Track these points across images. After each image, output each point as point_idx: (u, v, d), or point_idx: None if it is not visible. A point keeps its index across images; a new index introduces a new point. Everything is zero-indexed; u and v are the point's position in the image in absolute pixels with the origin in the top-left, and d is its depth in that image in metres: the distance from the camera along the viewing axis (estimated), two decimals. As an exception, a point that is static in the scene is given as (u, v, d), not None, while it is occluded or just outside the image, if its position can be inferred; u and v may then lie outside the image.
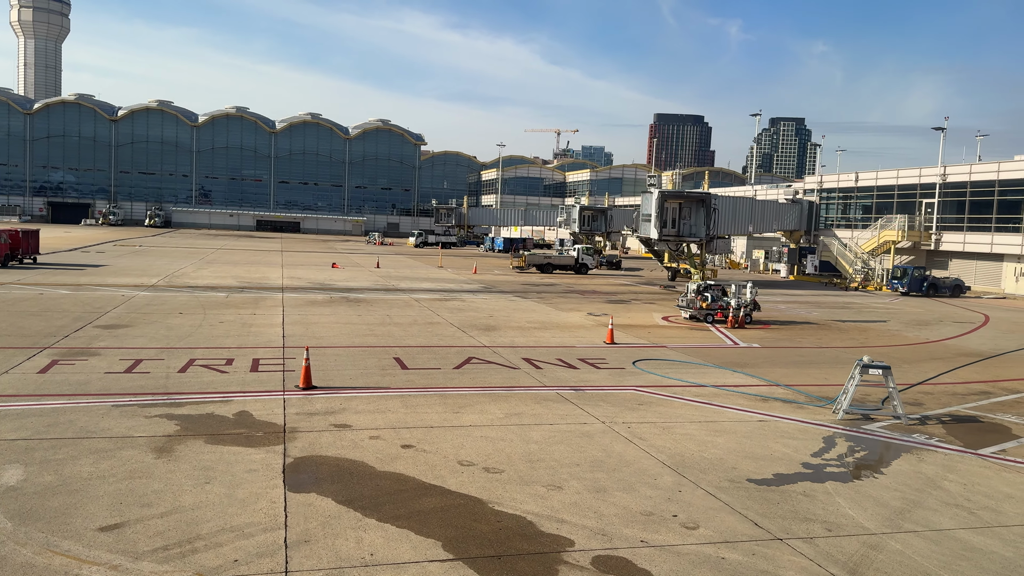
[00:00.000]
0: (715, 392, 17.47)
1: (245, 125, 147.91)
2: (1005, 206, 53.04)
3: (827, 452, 13.02)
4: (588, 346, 23.39)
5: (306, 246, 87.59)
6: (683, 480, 11.19)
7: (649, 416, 14.89)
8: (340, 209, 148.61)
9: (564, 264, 59.17)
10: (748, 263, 75.63)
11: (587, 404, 15.65)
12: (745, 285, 31.43)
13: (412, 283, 43.41)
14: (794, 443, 13.49)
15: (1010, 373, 21.79)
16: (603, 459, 12.01)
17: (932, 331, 31.11)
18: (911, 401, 17.41)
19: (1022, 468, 12.59)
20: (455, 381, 17.36)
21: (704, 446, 13.00)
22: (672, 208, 51.49)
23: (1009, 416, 16.25)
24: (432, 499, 9.98)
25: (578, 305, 35.36)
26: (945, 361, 23.45)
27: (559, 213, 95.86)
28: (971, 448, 13.64)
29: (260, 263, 54.29)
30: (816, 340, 26.93)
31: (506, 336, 24.59)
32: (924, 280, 49.23)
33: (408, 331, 24.77)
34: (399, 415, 14.11)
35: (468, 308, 32.16)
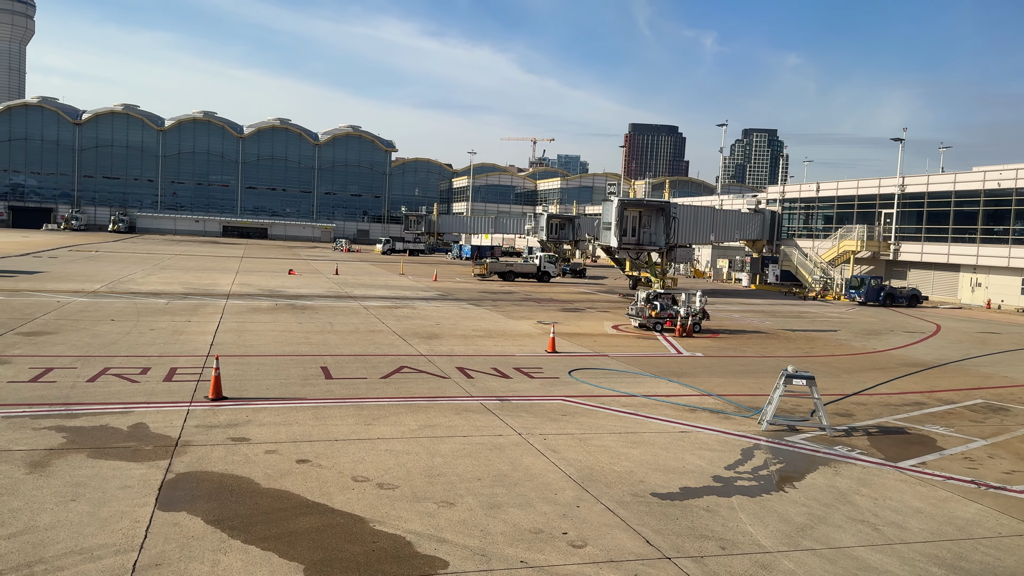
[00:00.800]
0: (644, 402, 17.10)
1: (212, 130, 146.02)
2: (961, 217, 53.72)
3: (742, 465, 12.67)
4: (528, 355, 22.95)
5: (269, 252, 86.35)
6: (585, 495, 10.76)
7: (569, 427, 14.46)
8: (309, 215, 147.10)
9: (526, 272, 58.81)
10: (712, 272, 75.87)
11: (509, 415, 15.18)
12: (694, 294, 31.24)
13: (367, 290, 42.72)
14: (711, 455, 13.13)
15: (948, 383, 21.73)
16: (508, 473, 11.54)
17: (881, 341, 31.14)
18: (842, 412, 17.20)
19: (938, 482, 12.33)
20: (378, 391, 16.80)
21: (617, 458, 12.59)
22: (632, 216, 51.40)
23: (937, 427, 16.07)
24: (310, 518, 9.43)
25: (531, 313, 34.95)
26: (886, 371, 23.36)
27: (527, 221, 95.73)
28: (891, 461, 13.38)
29: (215, 269, 53.22)
30: (761, 349, 26.76)
31: (446, 345, 24.07)
32: (881, 290, 49.58)
33: (346, 339, 24.16)
34: (305, 428, 13.53)
35: (417, 316, 31.60)
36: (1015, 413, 17.99)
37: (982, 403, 19.03)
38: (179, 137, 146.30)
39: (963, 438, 15.25)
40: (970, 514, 10.83)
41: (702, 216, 57.96)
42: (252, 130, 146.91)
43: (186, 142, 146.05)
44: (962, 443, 14.86)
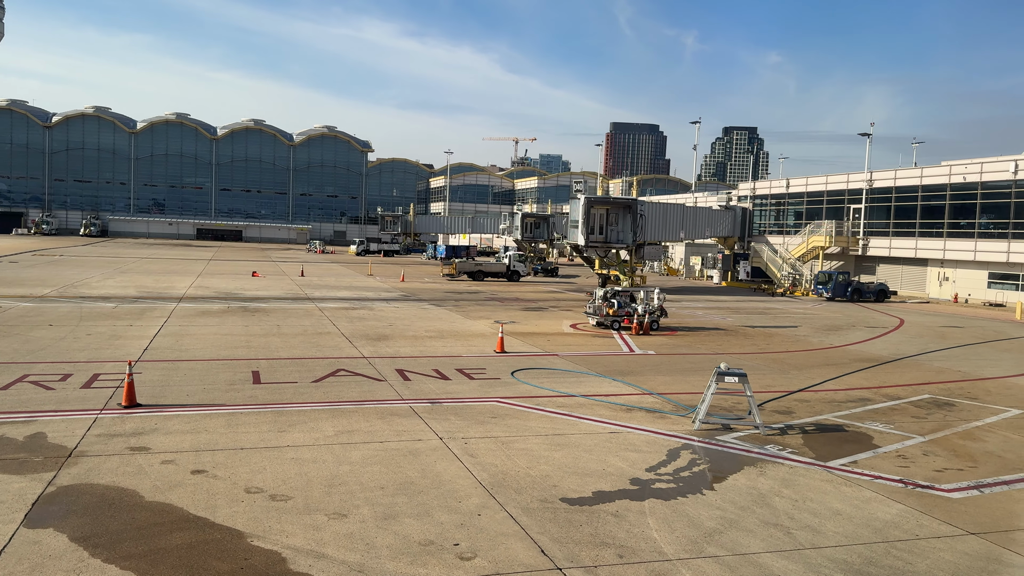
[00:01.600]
0: (581, 402, 16.65)
1: (185, 132, 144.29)
2: (928, 211, 53.85)
3: (664, 466, 12.24)
4: (475, 355, 22.45)
5: (240, 255, 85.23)
6: (490, 502, 10.27)
7: (495, 430, 13.97)
8: (284, 217, 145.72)
9: (495, 271, 58.31)
10: (684, 269, 75.77)
11: (436, 418, 14.67)
12: (653, 291, 30.89)
13: (329, 292, 42.03)
14: (635, 456, 12.69)
15: (899, 379, 21.47)
16: (415, 480, 11.03)
17: (840, 336, 30.94)
18: (783, 410, 16.84)
19: (865, 482, 11.97)
20: (304, 396, 16.23)
21: (536, 462, 12.11)
22: (599, 215, 51.03)
23: (877, 424, 15.74)
24: (185, 534, 8.86)
25: (491, 313, 34.46)
26: (838, 367, 23.09)
27: (502, 220, 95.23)
28: (821, 460, 13.00)
29: (177, 272, 52.27)
30: (716, 346, 26.42)
31: (393, 346, 23.52)
32: (848, 285, 49.55)
33: (289, 342, 23.53)
34: (214, 436, 12.93)
35: (372, 317, 31.00)
36: (960, 408, 17.73)
37: (929, 398, 18.77)
38: (151, 139, 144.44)
39: (901, 435, 14.93)
40: (891, 516, 10.45)
41: (671, 214, 57.69)
42: (226, 131, 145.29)
43: (159, 144, 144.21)
44: (899, 440, 14.54)
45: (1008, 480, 12.26)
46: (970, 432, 15.39)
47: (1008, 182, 47.99)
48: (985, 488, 11.83)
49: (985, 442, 14.67)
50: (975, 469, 12.84)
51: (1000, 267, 49.18)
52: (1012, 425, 16.17)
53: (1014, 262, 47.78)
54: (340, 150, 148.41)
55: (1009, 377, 22.38)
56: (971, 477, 12.36)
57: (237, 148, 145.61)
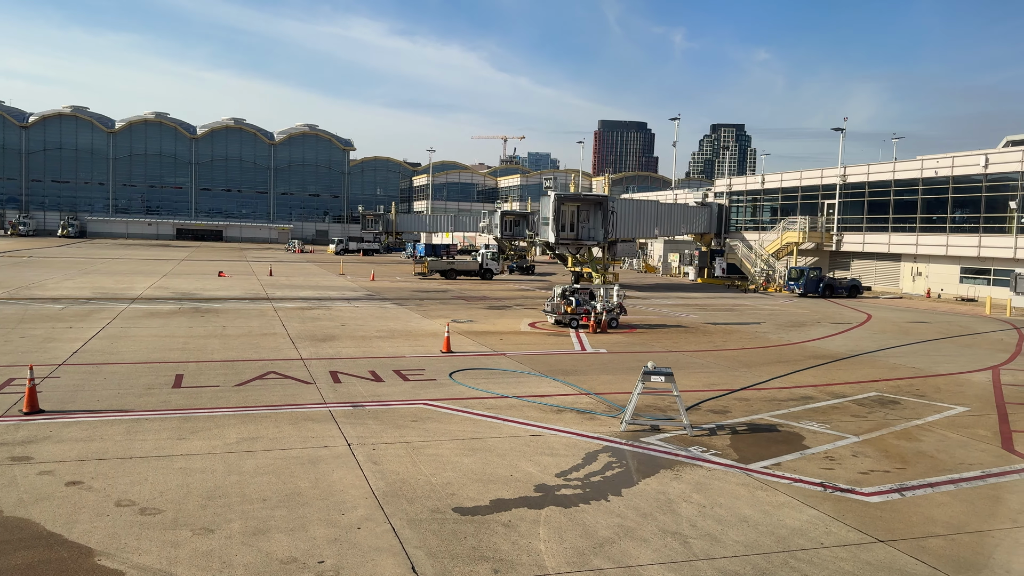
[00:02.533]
0: (512, 404, 16.10)
1: (164, 131, 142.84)
2: (901, 206, 53.62)
3: (577, 471, 11.70)
4: (420, 356, 21.87)
5: (215, 255, 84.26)
6: (376, 514, 9.69)
7: (411, 435, 13.40)
8: (266, 217, 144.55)
9: (468, 270, 57.74)
10: (661, 266, 75.43)
11: (352, 423, 14.09)
12: (612, 288, 30.41)
13: (292, 291, 41.33)
14: (549, 461, 12.15)
15: (849, 376, 21.03)
16: (304, 491, 10.44)
17: (801, 333, 30.54)
18: (720, 409, 16.35)
19: (783, 485, 11.46)
20: (221, 401, 15.60)
21: (442, 468, 11.55)
22: (571, 211, 50.53)
23: (812, 424, 15.27)
24: (30, 552, 8.24)
25: (452, 312, 33.88)
26: (791, 364, 22.65)
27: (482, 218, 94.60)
28: (743, 462, 12.50)
29: (143, 273, 51.39)
30: (671, 344, 25.94)
31: (336, 347, 22.90)
32: (820, 281, 49.26)
33: (229, 344, 22.87)
34: (107, 444, 12.30)
35: (327, 317, 30.35)
36: (905, 406, 17.29)
37: (875, 396, 18.33)
38: (130, 139, 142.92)
39: (835, 435, 14.46)
40: (800, 522, 9.95)
41: (645, 210, 57.22)
42: (205, 131, 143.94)
43: (137, 144, 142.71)
44: (831, 440, 14.06)
45: (933, 482, 11.79)
46: (908, 431, 14.95)
47: (979, 176, 47.79)
48: (907, 491, 11.36)
49: (921, 442, 14.22)
50: (903, 471, 12.37)
51: (972, 262, 48.99)
52: (953, 423, 15.74)
53: (985, 256, 47.59)
54: (322, 149, 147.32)
55: (963, 373, 22.00)
56: (896, 480, 11.89)
57: (217, 147, 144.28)
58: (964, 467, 12.67)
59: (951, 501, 11.01)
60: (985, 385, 20.15)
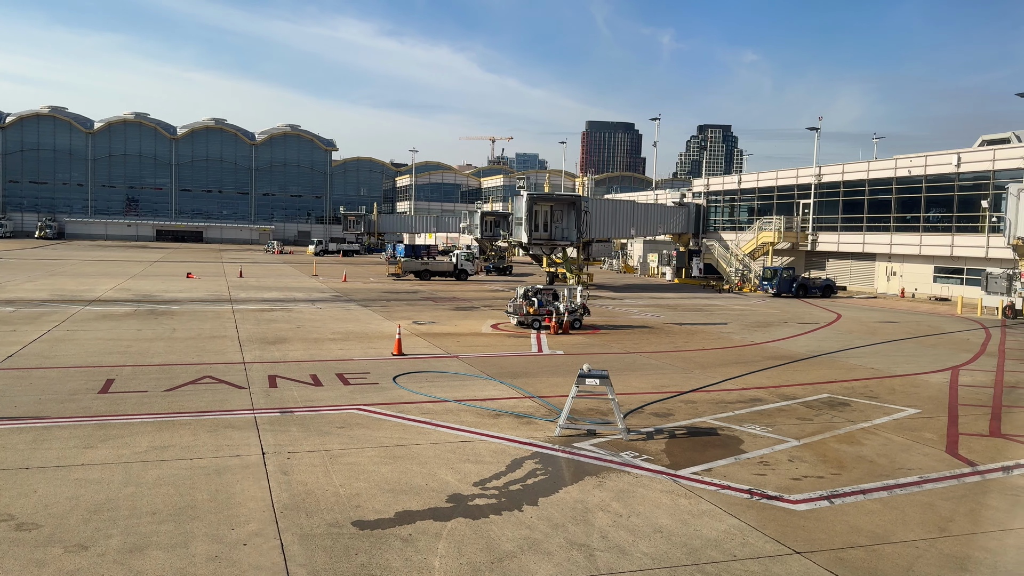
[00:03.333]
0: (450, 408, 15.61)
1: (144, 132, 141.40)
2: (875, 205, 53.53)
3: (498, 479, 11.23)
4: (369, 358, 21.34)
5: (192, 256, 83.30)
6: (269, 529, 9.16)
7: (332, 442, 12.88)
8: (247, 218, 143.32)
9: (442, 270, 57.22)
10: (639, 267, 75.17)
11: (275, 430, 13.55)
12: (575, 289, 30.00)
13: (257, 293, 40.66)
14: (471, 468, 11.67)
15: (804, 377, 20.68)
16: (199, 504, 9.90)
17: (766, 333, 30.21)
18: (664, 412, 15.92)
19: (709, 492, 11.03)
20: (145, 407, 15.01)
21: (355, 478, 11.04)
22: (544, 211, 50.10)
23: (754, 427, 14.86)
24: None
25: (417, 313, 33.35)
26: (748, 365, 22.28)
27: (462, 219, 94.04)
28: (674, 468, 12.06)
29: (110, 274, 50.52)
30: (631, 345, 25.52)
31: (284, 350, 22.33)
32: (793, 281, 49.05)
33: (173, 347, 22.25)
34: (6, 454, 11.69)
35: (284, 319, 29.74)
36: (855, 408, 16.93)
37: (827, 398, 17.97)
38: (109, 139, 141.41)
39: (775, 439, 14.06)
40: (717, 532, 9.51)
41: (620, 210, 56.88)
42: (185, 131, 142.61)
43: (116, 144, 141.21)
44: (771, 444, 13.66)
45: (866, 489, 11.40)
46: (852, 435, 14.57)
47: (951, 175, 47.74)
48: (837, 499, 10.95)
49: (863, 445, 13.84)
50: (838, 477, 11.97)
51: (945, 261, 48.93)
52: (901, 426, 15.39)
53: (958, 256, 47.54)
54: (303, 149, 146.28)
55: (921, 374, 21.70)
56: (829, 486, 11.48)
57: (198, 148, 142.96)
58: (902, 472, 12.29)
59: (881, 509, 10.61)
60: (941, 386, 19.84)
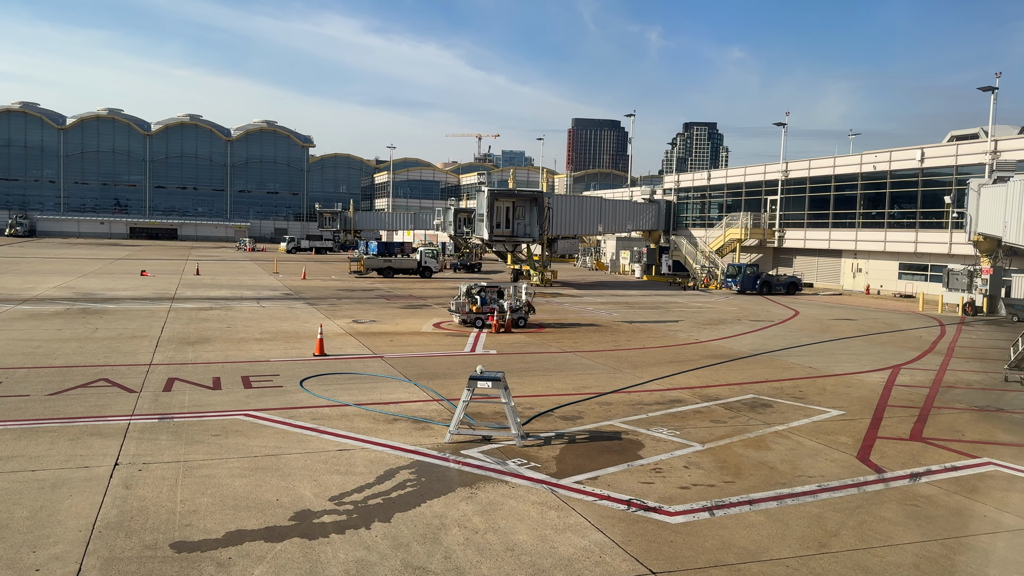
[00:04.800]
0: (346, 413, 14.79)
1: (118, 128, 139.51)
2: (841, 201, 53.12)
3: (361, 492, 10.41)
4: (287, 359, 20.47)
5: (159, 253, 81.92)
6: (75, 551, 8.29)
7: (198, 453, 12.02)
8: (223, 215, 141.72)
9: (406, 268, 56.36)
10: (609, 264, 74.58)
11: (142, 439, 12.68)
12: (520, 287, 29.24)
13: (205, 291, 39.63)
14: (337, 480, 10.85)
15: (735, 377, 19.99)
16: (14, 523, 8.98)
17: (715, 331, 29.57)
18: (574, 415, 15.17)
19: (584, 504, 10.26)
20: (18, 412, 14.07)
21: (202, 492, 10.20)
22: (506, 208, 49.40)
23: (662, 431, 14.13)
24: None
25: (365, 311, 32.48)
26: (683, 364, 21.58)
27: (436, 216, 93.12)
28: (558, 476, 11.30)
29: (61, 272, 49.28)
30: (571, 344, 24.78)
31: (200, 351, 21.41)
32: (757, 278, 48.54)
33: (85, 348, 21.28)
34: None
35: (218, 318, 28.79)
36: (776, 410, 16.25)
37: (751, 399, 17.28)
38: (82, 136, 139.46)
39: (680, 443, 13.33)
40: (575, 550, 8.75)
41: (587, 207, 56.27)
42: (160, 127, 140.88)
43: (90, 141, 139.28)
44: (673, 449, 12.93)
45: (755, 499, 10.68)
46: (762, 438, 13.87)
47: (915, 171, 47.34)
48: (721, 509, 10.22)
49: (770, 450, 13.14)
50: (730, 485, 11.25)
51: (909, 258, 48.57)
52: (818, 429, 14.71)
53: (922, 252, 47.18)
54: (280, 145, 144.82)
55: (859, 373, 21.08)
56: (717, 495, 10.76)
57: (172, 144, 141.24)
58: (802, 480, 11.59)
59: (765, 521, 9.89)
60: (876, 386, 19.22)
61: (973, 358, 24.62)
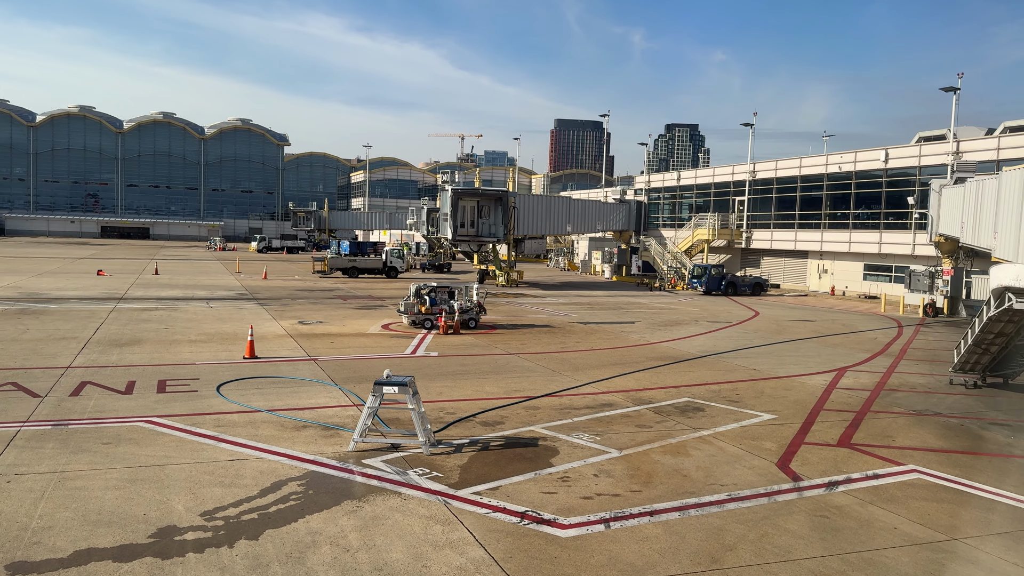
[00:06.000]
0: (254, 419, 14.13)
1: (89, 125, 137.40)
2: (807, 202, 53.05)
3: (237, 507, 9.78)
4: (216, 362, 19.75)
5: (125, 253, 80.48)
6: (-102, 573, 7.65)
7: (78, 463, 11.32)
8: (196, 214, 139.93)
9: (371, 267, 55.63)
10: (580, 264, 74.23)
11: (26, 447, 11.95)
12: (471, 287, 28.68)
13: (157, 292, 38.69)
14: (217, 493, 10.22)
15: (675, 380, 19.55)
16: None
17: (669, 332, 29.16)
18: (495, 420, 14.61)
19: (477, 517, 9.69)
20: (-99, 419, 13.33)
21: (65, 507, 9.50)
22: (470, 207, 48.82)
23: (582, 436, 13.61)
24: None
25: (313, 312, 31.76)
26: (624, 366, 21.11)
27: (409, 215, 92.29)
28: (457, 487, 10.73)
29: (14, 272, 48.00)
30: (518, 346, 24.23)
31: (125, 353, 20.63)
32: (722, 279, 48.30)
33: (9, 349, 20.38)
34: None
35: (159, 319, 27.95)
36: (707, 414, 15.80)
37: (684, 402, 16.82)
38: (52, 133, 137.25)
39: (597, 449, 12.82)
40: (447, 569, 8.16)
41: (555, 207, 55.82)
42: (132, 125, 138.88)
43: (60, 138, 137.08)
44: (588, 456, 12.41)
45: (658, 509, 10.17)
46: (684, 444, 13.39)
47: (880, 171, 47.31)
48: (617, 521, 9.70)
49: (688, 457, 12.67)
50: (635, 494, 10.75)
51: (874, 258, 48.55)
52: (744, 434, 14.26)
53: (886, 253, 47.16)
54: (255, 143, 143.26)
55: (803, 376, 20.72)
56: (619, 505, 10.24)
57: (145, 142, 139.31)
58: (713, 489, 11.11)
59: (661, 534, 9.38)
60: (816, 389, 18.84)
61: (924, 360, 24.38)
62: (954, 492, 11.43)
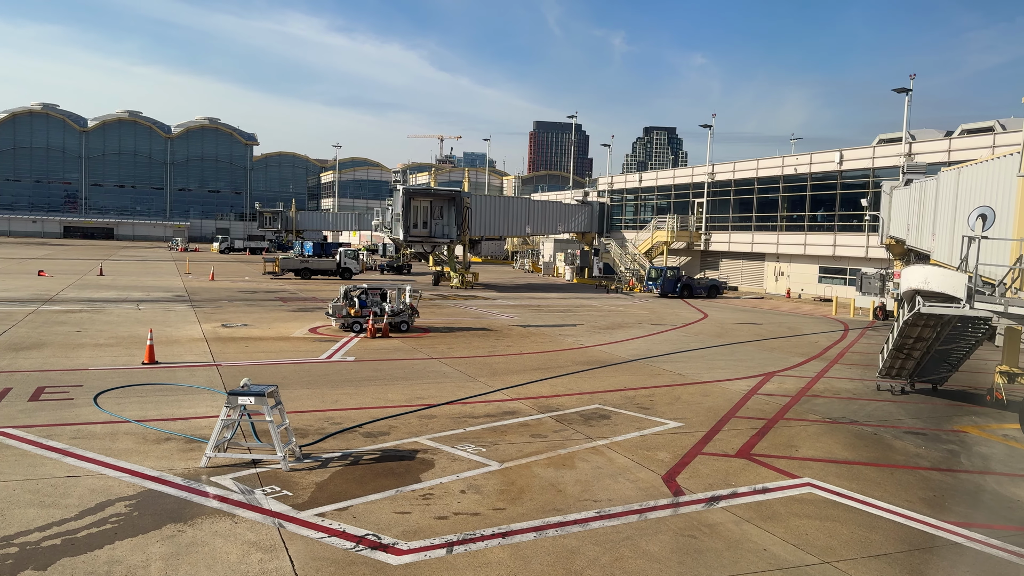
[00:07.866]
0: (115, 431, 13.14)
1: (52, 124, 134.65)
2: (763, 205, 52.78)
3: (44, 531, 8.82)
4: (112, 368, 18.71)
5: (81, 253, 78.55)
6: None
7: None
8: (162, 214, 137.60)
9: (324, 268, 54.52)
10: (542, 266, 73.59)
11: None
12: (404, 289, 27.83)
13: (91, 293, 37.39)
14: (30, 515, 9.22)
15: (592, 385, 18.82)
16: None
17: (608, 335, 28.49)
18: (380, 431, 13.77)
19: (309, 541, 8.86)
20: None
21: None
22: (423, 207, 47.95)
23: (467, 448, 12.81)
24: None
25: (243, 315, 30.70)
26: (546, 371, 20.35)
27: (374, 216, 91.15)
28: (304, 507, 9.86)
29: (-52, 273, 46.43)
30: (445, 350, 23.41)
31: (19, 358, 19.49)
32: (677, 281, 47.84)
33: None
34: None
35: (75, 322, 26.78)
36: (612, 422, 15.07)
37: (593, 409, 16.10)
38: (14, 131, 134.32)
39: (477, 462, 12.04)
40: (246, 603, 7.35)
41: (513, 208, 55.10)
42: (97, 123, 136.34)
43: (22, 137, 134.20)
44: (465, 469, 11.62)
45: (512, 530, 9.38)
46: (573, 455, 12.64)
47: (834, 173, 47.12)
48: (463, 545, 8.90)
49: (572, 469, 11.92)
50: (497, 513, 9.96)
51: (829, 261, 48.35)
52: (642, 444, 13.55)
53: (840, 255, 46.95)
54: (222, 143, 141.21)
55: (726, 380, 20.10)
56: (472, 527, 9.45)
57: (110, 141, 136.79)
58: (585, 505, 10.36)
59: (507, 559, 8.60)
60: (735, 395, 18.21)
61: (859, 364, 23.91)
62: (843, 508, 10.79)
